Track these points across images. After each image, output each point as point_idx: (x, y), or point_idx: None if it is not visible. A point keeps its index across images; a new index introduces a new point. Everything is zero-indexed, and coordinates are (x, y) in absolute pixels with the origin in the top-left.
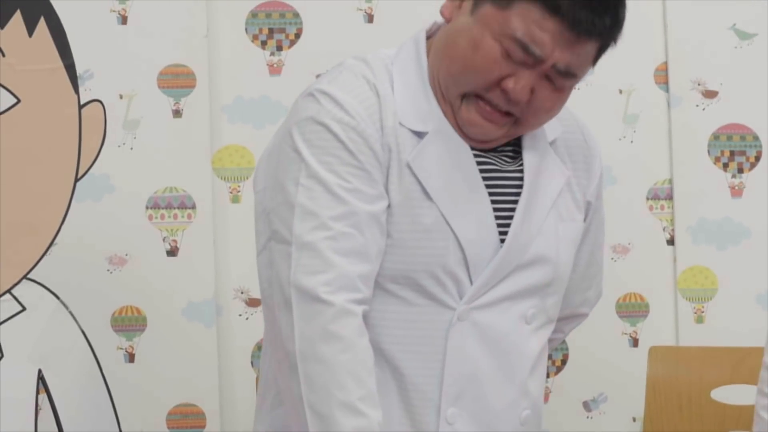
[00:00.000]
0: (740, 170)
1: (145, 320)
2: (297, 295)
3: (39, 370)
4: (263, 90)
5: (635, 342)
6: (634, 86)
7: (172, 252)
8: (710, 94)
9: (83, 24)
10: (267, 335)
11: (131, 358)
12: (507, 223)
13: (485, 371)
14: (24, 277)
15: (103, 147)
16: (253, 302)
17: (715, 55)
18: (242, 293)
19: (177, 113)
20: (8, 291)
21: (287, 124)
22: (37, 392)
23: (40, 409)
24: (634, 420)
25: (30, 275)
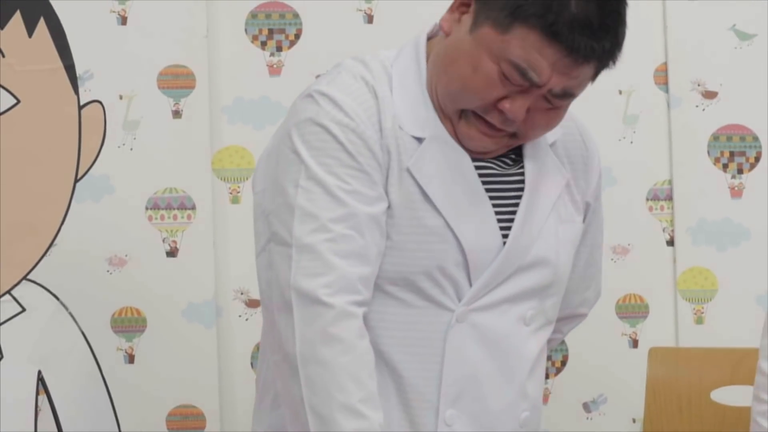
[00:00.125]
0: (740, 171)
1: (145, 321)
2: (297, 298)
3: (39, 371)
4: (263, 90)
5: (635, 343)
6: (634, 87)
7: (172, 253)
8: (710, 95)
9: (83, 24)
10: (265, 336)
11: (131, 359)
12: (508, 226)
13: (484, 373)
14: (24, 278)
15: (103, 147)
16: (253, 303)
17: (715, 56)
18: (242, 294)
19: (177, 114)
20: (8, 292)
21: (286, 126)
22: (37, 393)
23: (40, 410)
24: (634, 421)
25: (30, 276)
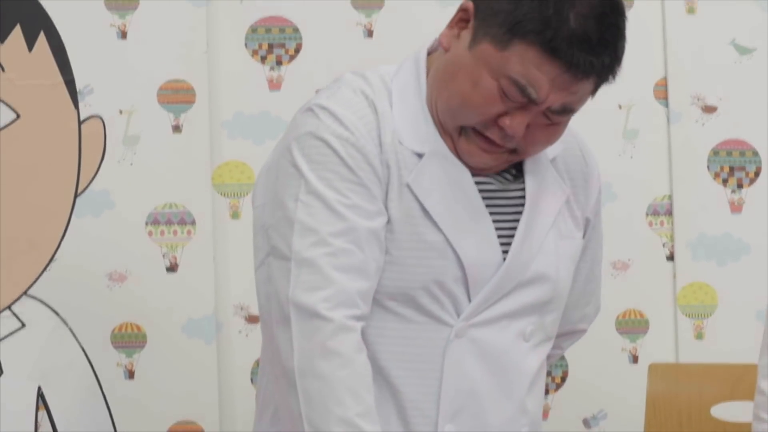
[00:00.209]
0: (740, 186)
1: (145, 337)
2: (296, 312)
3: (38, 387)
4: (263, 105)
5: (635, 358)
6: (634, 102)
7: (172, 268)
8: (710, 110)
9: (83, 39)
10: (264, 351)
11: (131, 375)
12: (508, 242)
13: (483, 388)
14: (24, 294)
15: (103, 162)
16: (253, 318)
17: (715, 71)
18: (242, 309)
19: (177, 129)
20: (8, 307)
21: (286, 140)
22: (37, 409)
23: (40, 426)
24: None
25: (30, 292)
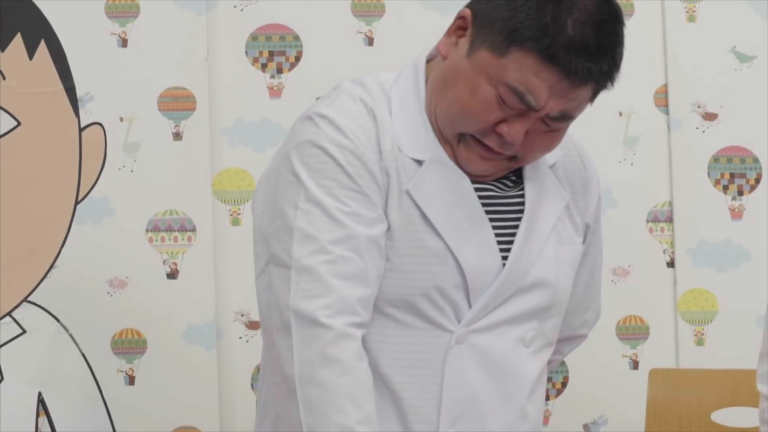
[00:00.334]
0: (740, 193)
1: (146, 343)
2: (296, 319)
3: (39, 393)
4: (263, 113)
5: (635, 364)
6: (634, 109)
7: (173, 275)
8: (710, 117)
9: (83, 47)
10: (265, 358)
11: (131, 381)
12: (508, 248)
13: (484, 394)
14: (24, 300)
15: (104, 170)
16: (254, 325)
17: (715, 78)
18: (242, 316)
19: (177, 136)
20: (8, 314)
21: (285, 148)
22: (37, 415)
23: None
24: None
25: (30, 298)
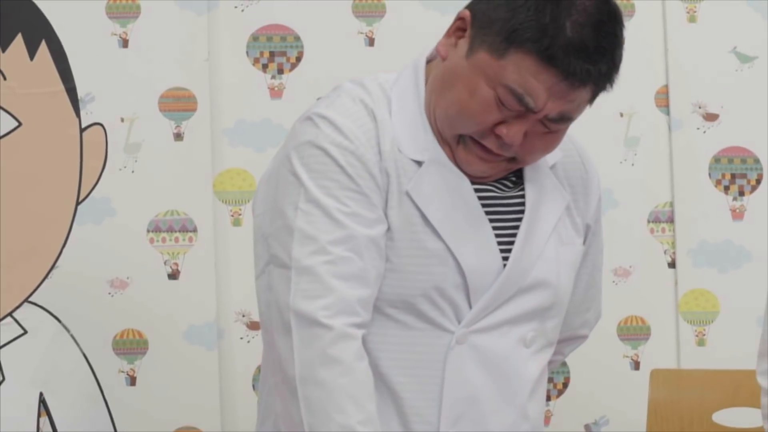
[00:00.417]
0: (741, 193)
1: (147, 343)
2: (296, 320)
3: (40, 394)
4: (264, 113)
5: (636, 365)
6: (635, 109)
7: (174, 275)
8: (711, 117)
9: (84, 47)
10: (265, 358)
11: (133, 381)
12: (508, 249)
13: (484, 394)
14: (25, 301)
15: (104, 170)
16: (255, 325)
17: (716, 78)
18: (243, 316)
19: (178, 136)
20: (9, 314)
21: (285, 149)
22: (39, 415)
23: None
24: None
25: (31, 298)
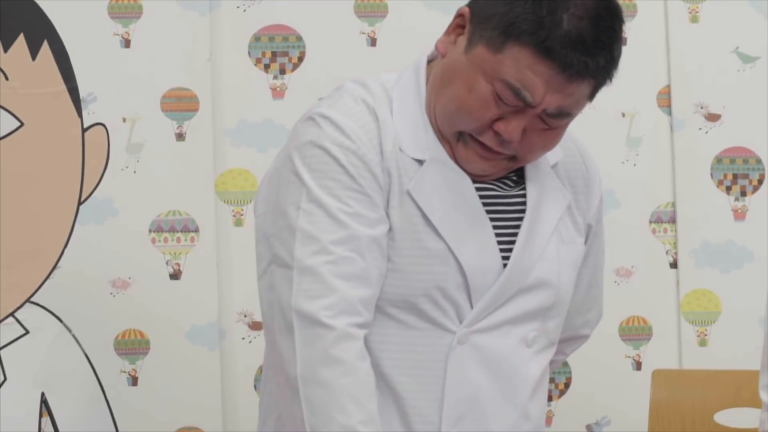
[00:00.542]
0: (743, 193)
1: (149, 343)
2: (298, 320)
3: (42, 394)
4: (266, 113)
5: (638, 365)
6: (637, 109)
7: (175, 275)
8: (713, 118)
9: (86, 47)
10: (267, 358)
11: (134, 382)
12: (509, 248)
13: (486, 394)
14: (27, 301)
15: (106, 170)
16: (257, 325)
17: (718, 79)
18: (245, 316)
19: (180, 136)
20: (11, 314)
21: (287, 148)
22: (40, 416)
23: None
24: None
25: (33, 299)
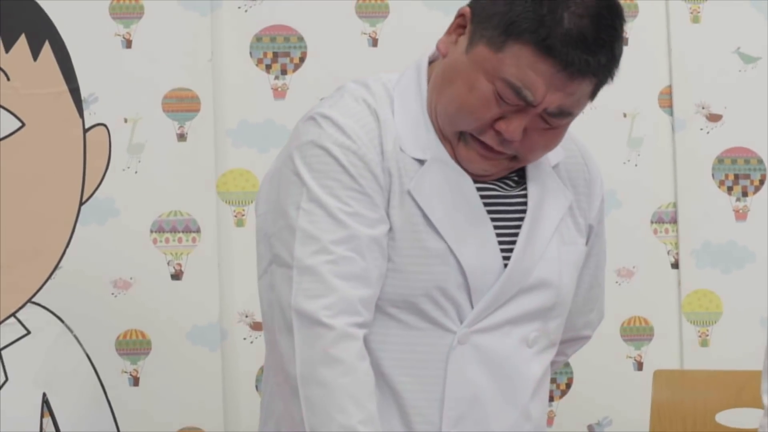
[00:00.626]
0: (744, 194)
1: (150, 344)
2: (298, 319)
3: (43, 394)
4: (268, 114)
5: (640, 365)
6: (639, 110)
7: (177, 276)
8: (714, 118)
9: (88, 48)
10: (268, 358)
11: (136, 382)
12: (510, 248)
13: (486, 394)
14: (29, 301)
15: (108, 171)
16: (258, 326)
17: (720, 79)
18: (247, 317)
19: (181, 137)
20: (13, 314)
21: (288, 148)
22: (42, 416)
23: None
24: None
25: (34, 299)
